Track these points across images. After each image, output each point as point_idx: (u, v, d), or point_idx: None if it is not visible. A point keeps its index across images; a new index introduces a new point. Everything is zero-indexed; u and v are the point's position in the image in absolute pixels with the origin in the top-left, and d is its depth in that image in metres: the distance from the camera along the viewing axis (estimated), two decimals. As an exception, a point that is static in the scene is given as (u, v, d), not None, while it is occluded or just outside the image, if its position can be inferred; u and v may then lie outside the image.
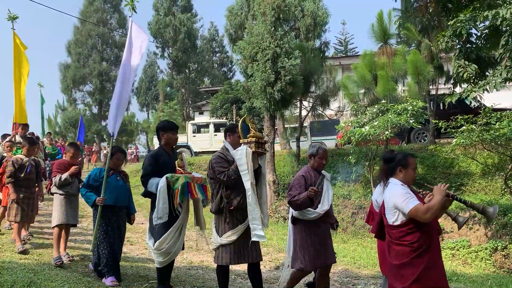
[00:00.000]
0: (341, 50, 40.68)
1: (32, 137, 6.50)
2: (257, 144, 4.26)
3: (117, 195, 4.98)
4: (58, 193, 5.45)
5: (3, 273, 4.59)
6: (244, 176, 4.10)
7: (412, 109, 10.09)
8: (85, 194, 4.92)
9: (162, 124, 4.74)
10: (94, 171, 5.08)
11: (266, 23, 11.78)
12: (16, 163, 5.85)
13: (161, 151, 4.61)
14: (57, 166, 5.54)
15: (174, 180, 4.33)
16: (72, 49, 35.87)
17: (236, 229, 4.21)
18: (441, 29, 12.78)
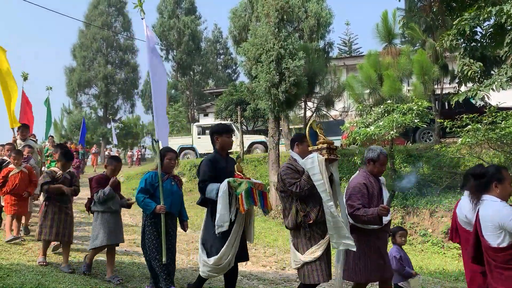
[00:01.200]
0: (345, 50, 40.61)
1: (69, 151, 6.13)
2: (328, 150, 3.96)
3: (171, 201, 4.62)
4: (99, 210, 5.02)
5: (11, 275, 4.63)
6: (319, 186, 3.76)
7: (417, 108, 10.07)
8: (143, 200, 4.45)
9: (216, 127, 4.51)
10: (150, 174, 4.65)
11: (270, 24, 11.81)
12: (51, 175, 5.33)
13: (217, 156, 4.36)
14: (97, 181, 5.12)
15: (236, 185, 4.06)
16: (77, 52, 36.08)
17: (319, 244, 3.88)
18: (445, 28, 12.74)
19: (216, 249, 4.11)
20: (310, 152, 4.03)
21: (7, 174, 6.32)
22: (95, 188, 5.03)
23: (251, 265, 6.77)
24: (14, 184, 6.29)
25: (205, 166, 4.26)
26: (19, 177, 6.36)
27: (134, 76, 37.88)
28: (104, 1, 36.59)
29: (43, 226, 5.19)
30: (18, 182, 6.31)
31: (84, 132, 21.00)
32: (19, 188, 6.32)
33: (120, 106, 38.19)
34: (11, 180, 6.30)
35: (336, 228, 3.77)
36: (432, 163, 11.95)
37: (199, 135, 20.67)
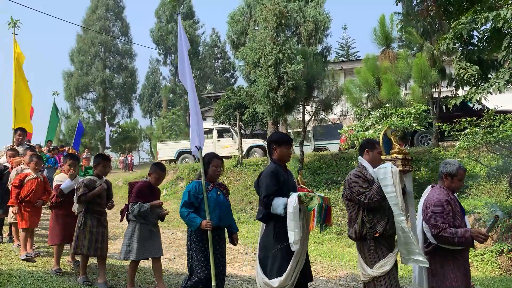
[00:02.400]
0: (342, 54, 40.75)
1: (104, 154, 5.82)
2: (404, 161, 3.72)
3: (219, 214, 4.20)
4: (136, 221, 4.67)
5: (11, 281, 4.63)
6: (391, 199, 3.52)
7: (415, 112, 10.10)
8: (188, 216, 4.06)
9: (276, 137, 4.14)
10: (193, 185, 4.22)
11: (268, 29, 11.86)
12: (89, 185, 4.97)
13: (278, 167, 3.99)
14: (138, 190, 4.70)
15: (308, 200, 3.72)
16: (75, 57, 36.11)
17: (387, 258, 3.64)
18: (442, 32, 12.80)
19: (278, 269, 3.76)
20: (382, 161, 3.80)
21: (24, 179, 5.91)
22: (135, 197, 4.65)
23: (251, 269, 6.77)
24: (30, 190, 5.85)
25: (269, 179, 3.88)
26: (35, 183, 5.93)
27: (132, 81, 37.92)
28: (102, 6, 36.69)
29: (80, 239, 4.86)
30: (34, 188, 5.88)
31: (79, 136, 20.39)
32: (34, 195, 5.87)
33: (118, 111, 38.26)
34: (27, 186, 5.86)
35: (406, 244, 3.56)
36: (430, 167, 11.98)
37: (197, 139, 20.61)
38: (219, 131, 20.51)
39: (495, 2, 9.00)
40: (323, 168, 13.48)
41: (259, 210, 3.98)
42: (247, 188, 13.41)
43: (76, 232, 4.92)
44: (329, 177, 12.66)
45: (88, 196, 4.88)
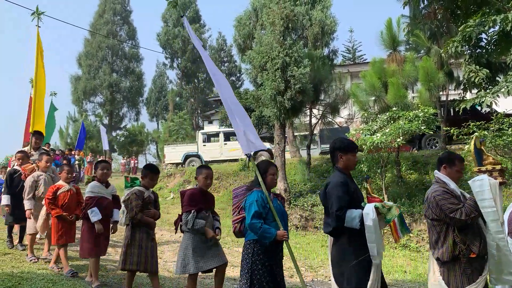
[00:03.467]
0: (349, 57, 40.71)
1: (153, 164, 5.36)
2: (501, 172, 3.43)
3: (284, 225, 3.96)
4: (190, 231, 4.35)
5: (23, 283, 4.67)
6: (488, 214, 3.25)
7: (423, 115, 10.07)
8: (261, 227, 3.71)
9: (341, 144, 3.78)
10: (258, 194, 3.90)
11: (275, 32, 11.89)
12: (140, 197, 4.67)
13: (345, 177, 3.68)
14: (190, 198, 4.39)
15: (386, 211, 3.49)
16: (83, 61, 36.40)
17: (477, 282, 3.36)
18: (450, 35, 12.77)
19: (357, 284, 3.49)
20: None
21: (56, 191, 5.48)
22: (187, 206, 4.34)
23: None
24: (63, 204, 5.45)
25: (339, 190, 3.57)
26: (68, 196, 5.53)
27: (139, 84, 38.15)
28: (110, 10, 36.98)
29: (129, 254, 4.57)
30: (67, 201, 5.48)
31: (82, 137, 20.25)
32: (68, 209, 5.47)
33: (125, 114, 38.47)
34: (59, 199, 5.46)
35: (501, 263, 3.33)
36: (438, 170, 11.93)
37: (204, 142, 20.70)
38: (226, 134, 20.54)
39: (503, 5, 8.98)
40: (331, 171, 13.46)
41: (327, 223, 3.67)
42: (254, 191, 13.41)
43: (124, 246, 4.63)
44: (336, 181, 12.64)
45: (142, 219, 4.63)
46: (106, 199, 5.11)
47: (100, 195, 5.05)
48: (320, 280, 6.64)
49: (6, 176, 6.45)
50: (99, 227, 4.90)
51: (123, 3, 38.33)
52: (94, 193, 5.04)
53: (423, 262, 9.01)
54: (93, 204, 4.94)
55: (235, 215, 4.12)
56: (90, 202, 4.96)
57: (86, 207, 4.96)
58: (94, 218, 4.88)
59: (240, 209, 4.09)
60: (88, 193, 5.03)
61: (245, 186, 4.25)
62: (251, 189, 4.02)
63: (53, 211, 5.37)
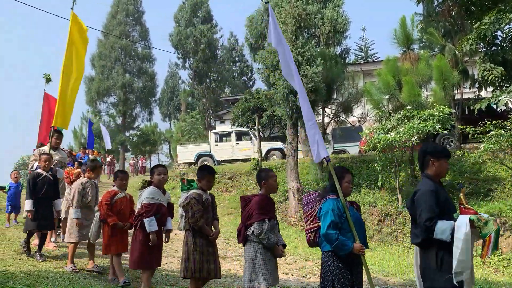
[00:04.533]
0: (361, 56, 40.46)
1: (209, 165, 5.08)
2: None
3: (363, 236, 3.75)
4: (257, 241, 4.05)
5: (40, 282, 4.74)
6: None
7: (438, 114, 9.96)
8: (337, 239, 3.49)
9: (433, 148, 3.54)
10: (333, 203, 3.65)
11: (287, 32, 11.87)
12: (200, 201, 4.36)
13: (435, 184, 3.43)
14: (261, 205, 4.06)
15: (482, 225, 3.20)
16: (96, 62, 36.75)
17: None
18: (464, 33, 12.62)
19: None
20: None
21: (113, 197, 5.20)
22: (258, 214, 4.00)
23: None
24: (119, 211, 5.19)
25: (429, 199, 3.32)
26: (124, 203, 5.26)
27: (152, 85, 38.39)
28: (122, 11, 37.27)
29: (191, 260, 4.29)
30: (123, 209, 5.24)
31: (91, 136, 20.11)
32: (122, 217, 5.19)
33: (138, 114, 38.73)
34: (115, 206, 5.18)
35: None
36: (453, 169, 11.78)
37: (216, 142, 20.77)
38: (238, 134, 20.58)
39: (520, 2, 8.84)
40: (343, 171, 13.40)
41: (415, 234, 3.44)
42: (267, 191, 13.40)
43: (185, 253, 4.34)
44: (349, 180, 12.57)
45: (204, 229, 4.34)
46: (163, 206, 4.73)
47: (159, 202, 4.66)
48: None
49: (29, 179, 6.01)
50: (154, 238, 4.55)
51: (136, 4, 38.59)
52: (153, 199, 4.61)
53: (438, 263, 8.92)
54: (152, 212, 4.54)
55: (308, 223, 3.88)
56: (150, 209, 4.54)
57: (144, 215, 4.53)
58: (151, 228, 4.51)
59: (313, 217, 3.83)
60: (147, 200, 4.58)
61: (316, 192, 4.02)
62: (324, 196, 3.79)
63: (110, 219, 5.06)
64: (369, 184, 12.15)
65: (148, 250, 4.58)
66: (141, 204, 4.60)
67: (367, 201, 11.55)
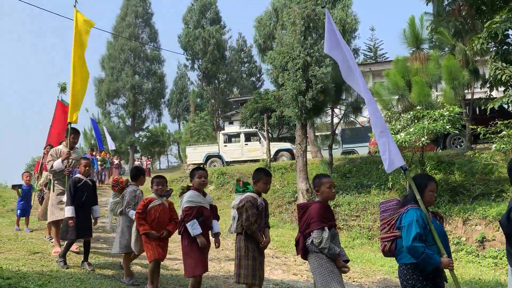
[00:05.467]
0: (370, 56, 40.26)
1: (266, 169, 4.92)
2: None
3: (446, 248, 3.49)
4: (319, 252, 3.78)
5: (52, 282, 4.79)
6: None
7: (448, 114, 9.88)
8: (424, 252, 3.27)
9: None
10: (416, 213, 3.43)
11: (296, 32, 11.86)
12: (255, 205, 4.19)
13: None
14: (320, 213, 3.81)
15: None
16: (106, 63, 37.04)
17: None
18: (475, 32, 12.51)
19: None
20: None
21: (147, 205, 4.95)
22: (316, 222, 3.76)
23: (282, 273, 6.77)
24: (154, 219, 4.92)
25: None
26: (160, 210, 4.99)
27: (161, 86, 38.60)
28: (132, 13, 37.52)
29: (243, 266, 4.13)
30: (159, 217, 4.96)
31: (99, 136, 19.79)
32: (159, 225, 4.93)
33: (147, 115, 38.97)
34: (150, 214, 4.92)
35: None
36: (463, 170, 11.68)
37: (225, 143, 20.81)
38: (246, 135, 20.60)
39: (532, 0, 8.75)
40: (353, 171, 13.35)
41: None
42: (276, 192, 13.41)
43: (237, 258, 4.20)
44: (359, 181, 12.53)
45: (256, 234, 4.16)
46: (206, 209, 4.58)
47: (200, 204, 4.50)
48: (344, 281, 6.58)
49: (69, 184, 5.76)
50: (202, 240, 4.35)
51: (145, 6, 38.83)
52: (193, 202, 4.46)
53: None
54: (193, 215, 4.38)
55: (385, 232, 3.65)
56: (190, 212, 4.38)
57: (185, 219, 4.38)
58: (195, 231, 4.33)
59: (391, 226, 3.59)
60: (187, 203, 4.43)
61: (395, 200, 3.82)
62: (405, 204, 3.57)
63: (141, 228, 4.84)
64: (379, 185, 12.09)
65: (198, 254, 4.37)
66: (181, 209, 4.47)
67: (377, 202, 11.49)
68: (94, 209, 5.98)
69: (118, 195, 5.71)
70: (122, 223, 5.47)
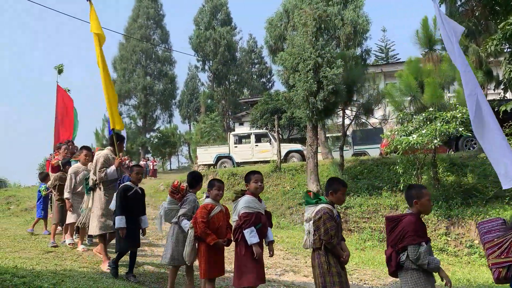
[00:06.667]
0: (381, 57, 40.05)
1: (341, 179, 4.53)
2: None
3: None
4: (416, 268, 3.49)
5: (65, 281, 4.83)
6: None
7: (461, 116, 9.78)
8: None
9: None
10: None
11: (307, 33, 11.84)
12: (333, 217, 3.89)
13: None
14: (416, 227, 3.51)
15: None
16: (118, 64, 37.38)
17: None
18: (489, 33, 12.38)
19: None
20: None
21: (210, 212, 4.51)
22: (412, 237, 3.45)
23: (293, 275, 6.76)
24: (217, 228, 4.50)
25: None
26: (221, 218, 4.60)
27: (172, 87, 38.87)
28: (143, 15, 37.84)
29: (329, 284, 3.75)
30: (221, 225, 4.56)
31: None
32: (220, 234, 4.49)
33: (158, 116, 39.25)
34: (213, 223, 4.49)
35: None
36: (477, 172, 11.56)
37: (235, 144, 20.85)
38: (257, 136, 20.61)
39: (547, 1, 8.62)
40: (364, 173, 13.28)
41: None
42: (286, 193, 13.39)
43: (321, 276, 3.78)
44: (371, 183, 12.45)
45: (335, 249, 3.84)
46: (262, 215, 4.28)
47: (257, 210, 4.22)
48: (355, 283, 6.56)
49: (120, 191, 5.37)
50: (258, 250, 4.07)
51: (156, 7, 39.14)
52: (251, 208, 4.18)
53: (461, 267, 8.75)
54: (251, 222, 4.11)
55: (496, 257, 3.37)
56: (249, 219, 4.11)
57: (243, 225, 4.10)
58: (252, 240, 4.06)
59: (507, 250, 3.30)
60: (244, 209, 4.16)
61: (499, 219, 3.55)
62: None
63: (209, 238, 4.38)
64: (390, 187, 12.01)
65: (254, 265, 4.09)
66: (238, 215, 4.20)
67: (388, 204, 11.42)
68: (142, 219, 5.59)
69: (175, 202, 5.13)
70: (177, 232, 5.01)
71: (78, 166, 7.14)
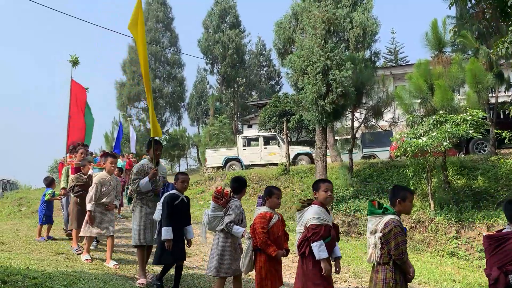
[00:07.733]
0: (391, 59, 39.88)
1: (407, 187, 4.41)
2: None
3: None
4: None
5: (76, 282, 4.88)
6: None
7: (471, 119, 9.71)
8: None
9: None
10: None
11: (316, 36, 11.84)
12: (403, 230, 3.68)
13: None
14: None
15: None
16: (127, 67, 37.62)
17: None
18: (500, 35, 12.24)
19: None
20: None
21: (269, 221, 4.31)
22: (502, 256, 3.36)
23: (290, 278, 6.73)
24: (276, 238, 4.32)
25: None
26: (279, 227, 4.40)
27: (181, 90, 39.03)
28: (153, 18, 38.07)
29: None
30: (280, 235, 4.40)
31: (118, 140, 19.44)
32: (278, 245, 4.32)
33: (167, 119, 39.41)
34: (273, 233, 4.31)
35: None
36: (488, 175, 11.44)
37: (244, 146, 20.86)
38: (265, 139, 20.62)
39: (559, 2, 8.52)
40: (374, 176, 13.21)
41: None
42: (295, 196, 13.37)
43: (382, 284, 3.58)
44: (380, 186, 12.39)
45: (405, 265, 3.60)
46: (332, 228, 3.99)
47: (326, 222, 3.91)
48: (365, 286, 6.52)
49: (167, 200, 5.13)
50: (326, 266, 3.77)
51: (166, 10, 39.37)
52: (320, 220, 3.88)
53: (472, 271, 8.66)
54: (321, 235, 3.80)
55: None
56: (318, 231, 3.80)
57: (311, 238, 3.80)
58: (321, 254, 3.76)
59: None
60: (313, 220, 3.85)
61: None
62: None
63: (270, 249, 4.18)
64: (400, 190, 11.92)
65: (323, 282, 3.81)
66: (305, 227, 3.89)
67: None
68: (187, 229, 5.33)
69: (219, 208, 4.89)
70: (222, 241, 4.76)
71: (105, 175, 6.56)
